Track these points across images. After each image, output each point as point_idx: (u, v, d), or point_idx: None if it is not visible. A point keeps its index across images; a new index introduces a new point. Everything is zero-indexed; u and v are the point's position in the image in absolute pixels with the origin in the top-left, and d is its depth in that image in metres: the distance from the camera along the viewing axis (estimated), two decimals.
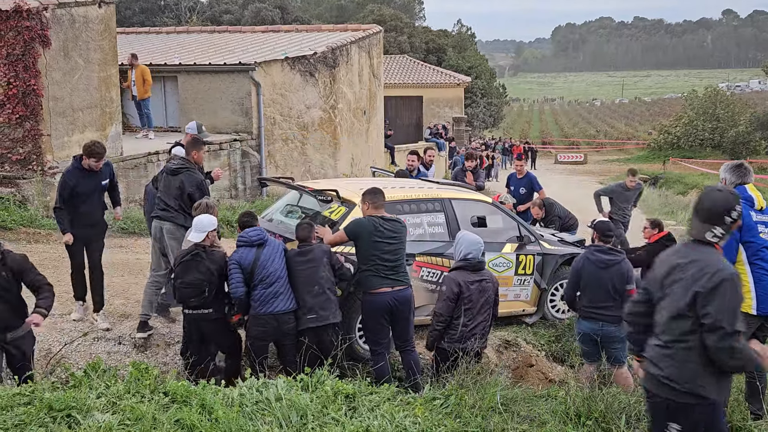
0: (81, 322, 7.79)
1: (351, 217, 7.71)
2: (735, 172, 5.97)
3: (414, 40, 56.20)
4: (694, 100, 56.09)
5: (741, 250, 5.72)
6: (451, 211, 8.50)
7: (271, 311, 6.81)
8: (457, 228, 8.32)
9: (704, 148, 50.85)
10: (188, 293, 6.80)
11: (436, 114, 39.43)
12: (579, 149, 63.68)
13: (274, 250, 6.96)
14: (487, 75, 60.55)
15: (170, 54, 19.61)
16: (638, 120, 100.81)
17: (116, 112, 14.01)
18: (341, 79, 20.37)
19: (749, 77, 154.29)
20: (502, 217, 9.04)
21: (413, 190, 8.68)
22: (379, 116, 24.10)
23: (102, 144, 7.80)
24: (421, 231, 8.26)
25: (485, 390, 5.91)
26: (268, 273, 6.82)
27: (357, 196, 7.83)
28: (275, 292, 6.83)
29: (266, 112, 17.75)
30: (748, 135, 50.09)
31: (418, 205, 8.34)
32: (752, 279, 5.70)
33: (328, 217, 7.95)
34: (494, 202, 9.38)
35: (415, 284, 7.89)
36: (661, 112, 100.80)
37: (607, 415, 5.59)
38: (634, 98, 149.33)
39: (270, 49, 19.96)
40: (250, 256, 6.85)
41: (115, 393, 5.20)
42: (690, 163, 41.05)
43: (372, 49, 22.76)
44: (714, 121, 51.25)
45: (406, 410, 5.47)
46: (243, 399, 5.30)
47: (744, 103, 59.68)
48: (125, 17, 44.61)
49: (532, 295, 9.12)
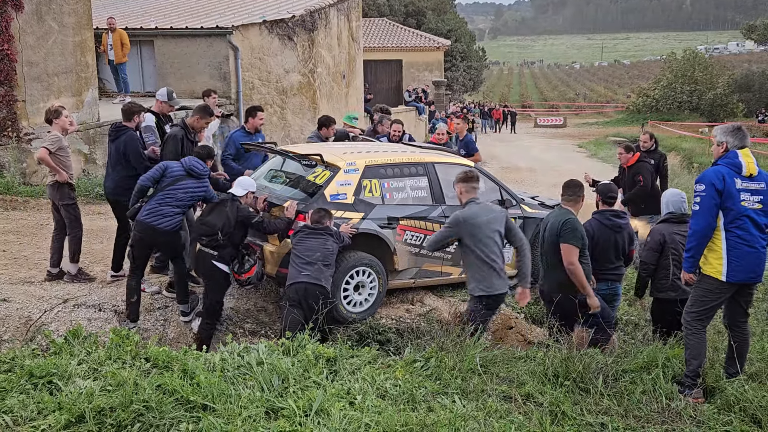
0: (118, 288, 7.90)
1: (335, 181, 7.79)
2: (736, 134, 5.90)
3: (393, 3, 55.62)
4: (672, 63, 56.21)
5: (720, 215, 5.74)
6: (434, 174, 8.57)
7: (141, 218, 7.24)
8: (440, 192, 8.45)
9: (682, 110, 51.08)
10: (202, 231, 7.33)
11: (416, 78, 39.25)
12: (558, 113, 63.82)
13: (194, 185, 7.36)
14: (466, 38, 60.13)
15: (146, 18, 19.29)
16: (617, 83, 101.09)
17: (92, 77, 13.80)
18: (320, 42, 20.19)
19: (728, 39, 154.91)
20: (484, 181, 8.92)
21: (396, 154, 8.73)
22: (358, 80, 23.97)
23: None
24: (404, 195, 8.32)
25: (465, 352, 5.96)
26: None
27: (341, 161, 7.95)
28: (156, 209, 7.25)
29: (245, 77, 17.57)
30: (725, 98, 50.39)
31: (401, 169, 8.39)
32: (726, 245, 5.72)
33: (312, 182, 7.99)
34: (476, 166, 9.24)
35: (399, 248, 8.07)
36: (640, 75, 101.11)
37: (585, 375, 5.66)
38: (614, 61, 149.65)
39: (248, 12, 19.69)
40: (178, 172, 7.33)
41: (96, 359, 5.21)
42: (668, 125, 41.21)
43: (351, 12, 22.55)
44: (692, 83, 51.42)
45: (387, 373, 5.52)
46: (224, 364, 5.32)
47: (722, 65, 59.93)
48: None
49: (512, 257, 9.01)
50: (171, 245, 7.46)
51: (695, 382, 5.78)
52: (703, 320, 5.96)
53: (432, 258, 8.39)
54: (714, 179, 5.69)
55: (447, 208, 8.37)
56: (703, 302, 5.90)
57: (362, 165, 8.08)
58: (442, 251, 8.27)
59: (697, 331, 5.90)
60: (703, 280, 5.89)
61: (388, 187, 8.21)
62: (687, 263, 5.92)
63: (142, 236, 7.27)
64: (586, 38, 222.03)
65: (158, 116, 8.54)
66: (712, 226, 5.74)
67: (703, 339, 5.94)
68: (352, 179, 7.95)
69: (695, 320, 5.92)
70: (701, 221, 5.73)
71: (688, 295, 6.16)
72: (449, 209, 8.22)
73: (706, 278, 5.86)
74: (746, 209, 5.69)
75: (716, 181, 5.68)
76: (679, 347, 6.26)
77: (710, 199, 5.68)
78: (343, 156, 8.13)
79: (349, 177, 7.95)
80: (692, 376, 5.81)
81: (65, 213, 7.95)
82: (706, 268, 5.84)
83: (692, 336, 5.91)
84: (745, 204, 5.69)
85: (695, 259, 5.85)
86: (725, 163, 5.78)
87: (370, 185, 8.06)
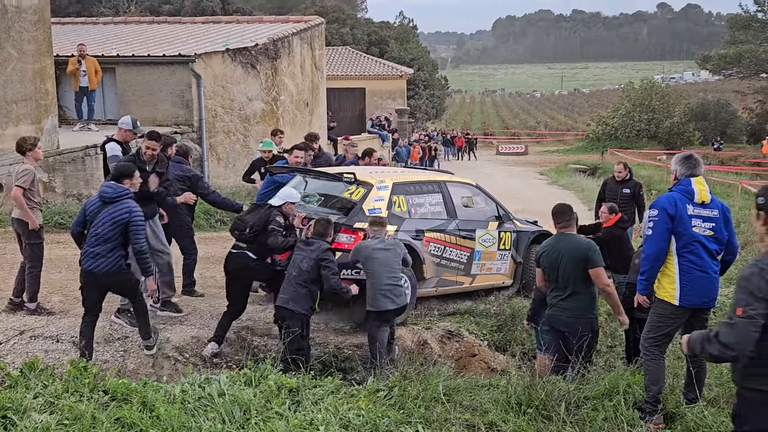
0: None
1: (370, 197, 8.58)
2: (685, 163, 6.06)
3: (356, 32, 56.09)
4: (630, 92, 57.14)
5: (673, 240, 5.87)
6: (447, 192, 9.50)
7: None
8: (452, 207, 9.41)
9: (641, 138, 51.89)
10: (236, 225, 7.83)
11: (379, 106, 39.48)
12: (520, 140, 64.43)
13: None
14: (429, 67, 60.78)
15: (108, 45, 19.18)
16: (577, 111, 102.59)
17: (52, 104, 13.65)
18: (283, 70, 20.24)
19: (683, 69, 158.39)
20: (484, 198, 10.06)
21: (413, 173, 10.11)
22: (321, 108, 24.02)
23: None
24: (425, 210, 9.17)
25: (428, 380, 5.96)
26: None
27: (372, 179, 8.85)
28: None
29: (207, 105, 17.52)
30: (682, 126, 51.35)
31: (421, 187, 9.29)
32: (678, 270, 5.84)
33: (348, 198, 8.69)
34: (477, 184, 10.27)
35: (426, 258, 8.93)
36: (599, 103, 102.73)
37: (548, 402, 5.69)
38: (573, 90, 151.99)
39: (211, 40, 19.69)
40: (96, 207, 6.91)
41: (53, 392, 5.11)
42: (627, 153, 41.84)
43: (314, 40, 22.65)
44: (650, 112, 52.33)
45: (350, 402, 5.49)
46: (185, 395, 5.26)
47: (678, 94, 61.06)
48: (60, 7, 43.27)
49: (509, 268, 10.10)
50: (118, 286, 7.03)
51: (655, 408, 5.84)
52: (661, 345, 6.04)
53: (449, 268, 9.24)
54: (666, 205, 5.87)
55: (460, 221, 9.37)
56: (658, 327, 5.99)
57: (391, 182, 8.91)
58: (456, 262, 9.23)
59: (656, 357, 5.97)
60: (658, 304, 6.01)
61: (413, 203, 9.04)
62: (641, 285, 6.06)
63: (85, 281, 6.90)
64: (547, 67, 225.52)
65: (122, 144, 8.45)
66: (664, 250, 5.87)
67: (662, 365, 6.02)
68: (383, 195, 8.72)
69: (653, 346, 6.01)
70: (654, 245, 5.89)
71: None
72: (462, 223, 9.35)
73: (660, 303, 5.98)
74: (698, 235, 5.83)
75: (668, 206, 5.85)
76: (640, 374, 6.32)
77: (662, 224, 5.84)
78: (371, 175, 9.00)
79: (381, 193, 8.72)
80: (652, 402, 5.87)
81: (29, 250, 7.82)
82: (660, 292, 5.96)
83: (651, 362, 5.98)
84: (697, 230, 5.83)
85: (649, 282, 5.99)
86: (678, 190, 5.97)
87: (398, 201, 8.85)
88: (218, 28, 22.52)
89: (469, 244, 9.43)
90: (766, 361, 3.66)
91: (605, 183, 12.93)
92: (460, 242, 9.32)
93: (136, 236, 6.74)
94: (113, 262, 6.76)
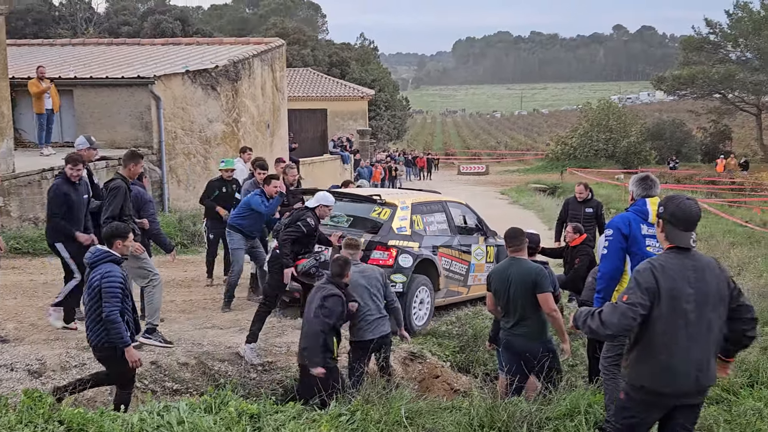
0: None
1: (397, 216, 9.52)
2: (640, 184, 6.18)
3: (317, 54, 56.23)
4: (588, 112, 58.05)
5: (628, 260, 5.95)
6: (449, 210, 10.58)
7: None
8: (454, 225, 10.45)
9: (599, 158, 52.65)
10: (276, 227, 8.93)
11: (341, 127, 39.55)
12: (481, 160, 64.95)
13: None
14: (390, 88, 61.10)
15: (65, 67, 18.98)
16: (537, 131, 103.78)
17: (8, 127, 13.41)
18: (244, 92, 20.19)
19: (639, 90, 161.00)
20: (472, 215, 11.11)
21: (423, 194, 11.19)
22: (283, 129, 23.98)
23: None
24: (435, 228, 10.15)
25: (391, 404, 5.94)
26: None
27: (396, 200, 9.88)
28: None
29: (167, 127, 17.38)
30: (639, 145, 52.35)
31: (431, 206, 10.35)
32: None
33: (376, 218, 9.58)
34: (467, 203, 11.42)
35: (441, 271, 9.89)
36: (558, 123, 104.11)
37: (510, 424, 5.70)
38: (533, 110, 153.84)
39: (170, 62, 19.58)
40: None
41: (6, 424, 4.98)
42: (586, 172, 42.40)
43: (275, 62, 22.65)
44: (607, 132, 53.17)
45: (312, 428, 5.45)
46: (143, 424, 5.16)
47: (635, 114, 62.17)
48: (17, 28, 42.66)
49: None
50: (104, 364, 6.35)
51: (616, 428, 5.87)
52: (619, 365, 6.08)
53: (454, 280, 10.25)
54: (621, 225, 5.97)
55: (460, 237, 10.45)
56: (616, 347, 6.04)
57: (410, 203, 9.95)
58: (458, 274, 10.27)
59: (615, 376, 6.02)
60: None
61: (426, 221, 10.02)
62: (597, 303, 6.09)
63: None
64: (506, 88, 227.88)
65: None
66: (619, 269, 5.96)
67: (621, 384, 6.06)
68: (406, 215, 9.70)
69: (612, 365, 6.07)
70: (609, 264, 5.98)
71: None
72: (462, 238, 10.44)
73: None
74: (651, 254, 5.88)
75: (623, 226, 5.95)
76: (600, 393, 6.37)
77: (617, 243, 5.93)
78: (393, 197, 10.15)
79: (404, 213, 9.70)
80: (613, 422, 5.90)
81: None
82: None
83: (610, 381, 6.04)
84: (650, 249, 5.90)
85: (605, 300, 6.02)
86: (633, 210, 6.08)
87: (417, 220, 9.83)
88: (178, 50, 22.42)
89: (467, 257, 10.47)
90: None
91: (567, 203, 13.11)
92: (462, 256, 10.38)
93: (105, 302, 6.01)
94: (97, 336, 6.16)
